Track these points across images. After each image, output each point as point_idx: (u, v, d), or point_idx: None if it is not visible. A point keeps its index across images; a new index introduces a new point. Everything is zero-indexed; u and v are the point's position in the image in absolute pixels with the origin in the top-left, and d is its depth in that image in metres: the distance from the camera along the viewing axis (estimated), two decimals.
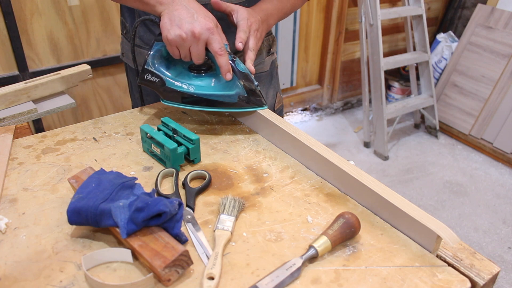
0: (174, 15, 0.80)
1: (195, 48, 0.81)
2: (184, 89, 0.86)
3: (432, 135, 2.99)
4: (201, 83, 0.87)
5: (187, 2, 0.83)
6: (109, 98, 2.15)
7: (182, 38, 0.79)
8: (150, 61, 0.86)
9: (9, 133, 0.85)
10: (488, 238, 2.16)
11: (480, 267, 0.59)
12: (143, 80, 0.87)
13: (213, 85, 0.87)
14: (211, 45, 0.81)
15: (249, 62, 0.88)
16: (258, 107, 0.87)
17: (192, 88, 0.86)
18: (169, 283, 0.55)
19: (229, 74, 0.83)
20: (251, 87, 0.84)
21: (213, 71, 0.89)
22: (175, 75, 0.88)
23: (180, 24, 0.79)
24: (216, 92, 0.86)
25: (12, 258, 0.58)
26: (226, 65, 0.82)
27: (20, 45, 1.78)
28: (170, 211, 0.58)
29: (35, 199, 0.69)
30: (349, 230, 0.61)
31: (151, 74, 0.86)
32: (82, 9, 1.88)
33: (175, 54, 0.83)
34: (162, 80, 0.86)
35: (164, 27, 0.81)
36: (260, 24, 0.93)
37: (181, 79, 0.87)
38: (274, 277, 0.55)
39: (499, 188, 2.51)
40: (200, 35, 0.79)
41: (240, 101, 0.85)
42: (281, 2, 1.00)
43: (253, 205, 0.69)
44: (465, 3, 3.18)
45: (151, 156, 0.80)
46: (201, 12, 0.82)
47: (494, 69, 2.74)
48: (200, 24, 0.79)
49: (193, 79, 0.88)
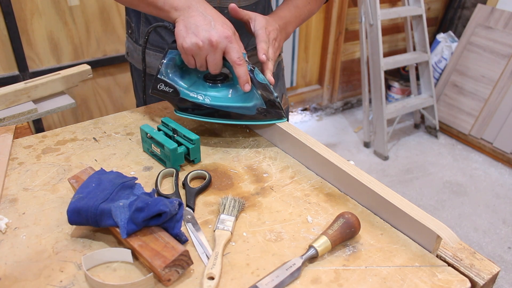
0: (190, 22, 0.76)
1: (212, 57, 0.77)
2: (199, 100, 0.82)
3: (432, 135, 2.99)
4: (217, 94, 0.82)
5: (204, 9, 0.78)
6: (109, 98, 2.15)
7: (199, 47, 0.75)
8: (164, 70, 0.82)
9: (9, 133, 0.85)
10: (488, 238, 2.16)
11: (480, 267, 0.59)
12: (156, 90, 0.83)
13: (230, 96, 0.82)
14: (229, 54, 0.77)
15: (268, 72, 0.84)
16: (277, 120, 0.83)
17: (208, 99, 0.81)
18: (169, 283, 0.55)
19: (247, 85, 0.78)
20: (270, 98, 0.80)
21: (230, 82, 0.84)
22: (189, 85, 0.83)
23: (197, 31, 0.75)
24: (233, 103, 0.81)
25: (12, 258, 0.58)
26: (245, 75, 0.77)
27: (20, 45, 1.78)
28: (170, 211, 0.58)
29: (35, 199, 0.69)
30: (349, 230, 0.61)
31: (164, 84, 0.82)
32: (82, 9, 1.88)
33: (190, 63, 0.79)
34: (176, 90, 0.82)
35: (179, 35, 0.77)
36: (278, 33, 0.89)
37: (195, 89, 0.83)
38: (274, 277, 0.55)
39: (499, 188, 2.51)
40: (218, 44, 0.75)
41: (259, 113, 0.81)
42: (298, 9, 0.97)
43: (253, 205, 0.69)
44: (465, 3, 3.18)
45: (151, 156, 0.80)
46: (219, 19, 0.77)
47: (494, 69, 2.74)
48: (218, 32, 0.75)
49: (209, 90, 0.83)
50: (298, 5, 0.97)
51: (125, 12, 1.13)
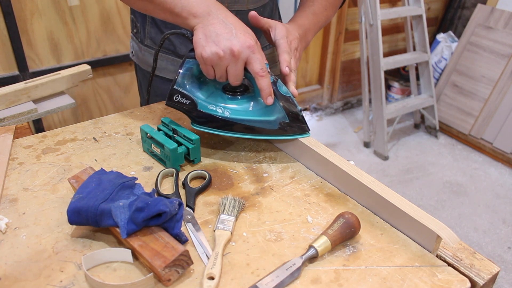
0: (210, 30, 0.72)
1: (233, 68, 0.72)
2: (218, 113, 0.77)
3: (432, 135, 2.99)
4: (238, 107, 0.78)
5: (224, 16, 0.74)
6: (109, 98, 2.15)
7: (219, 57, 0.71)
8: (180, 81, 0.77)
9: (9, 133, 0.85)
10: (488, 238, 2.16)
11: (480, 267, 0.59)
12: (172, 102, 0.78)
13: (251, 109, 0.78)
14: (251, 64, 0.72)
15: (292, 84, 0.80)
16: (301, 135, 0.78)
17: (228, 113, 0.77)
18: (169, 283, 0.55)
19: (270, 98, 0.74)
20: (294, 112, 0.76)
21: (251, 93, 0.80)
22: (206, 96, 0.79)
23: (217, 40, 0.71)
24: (255, 117, 0.77)
25: (13, 258, 0.58)
26: (268, 87, 0.73)
27: (20, 45, 1.78)
28: (170, 211, 0.58)
29: (35, 199, 0.69)
30: (349, 230, 0.61)
31: (181, 95, 0.77)
32: (82, 9, 1.88)
33: (209, 74, 0.75)
34: (194, 102, 0.77)
35: (199, 44, 0.72)
36: (298, 42, 0.85)
37: (214, 101, 0.78)
38: (274, 277, 0.55)
39: (498, 188, 2.51)
40: (240, 54, 0.71)
41: (281, 127, 0.77)
42: (316, 15, 0.93)
43: (253, 205, 0.69)
44: (465, 3, 3.18)
45: (151, 156, 0.80)
46: (240, 27, 0.73)
47: (494, 69, 2.74)
48: (240, 41, 0.71)
49: (228, 102, 0.79)
50: (315, 11, 0.93)
51: (130, 11, 1.12)
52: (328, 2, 0.95)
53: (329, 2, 0.95)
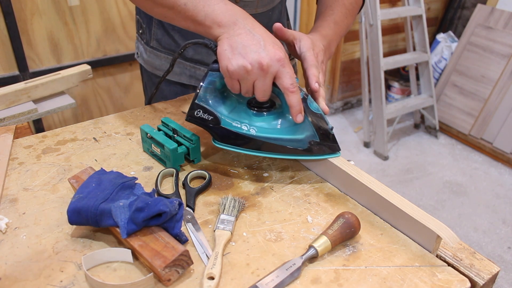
0: (236, 41, 0.67)
1: (261, 83, 0.67)
2: (243, 131, 0.72)
3: (432, 135, 3.00)
4: (264, 124, 0.73)
5: (252, 26, 0.68)
6: (109, 98, 2.15)
7: (247, 70, 0.65)
8: (202, 95, 0.72)
9: (9, 133, 0.85)
10: (488, 238, 2.16)
11: (480, 267, 0.59)
12: (193, 118, 0.73)
13: (279, 127, 0.73)
14: (280, 79, 0.67)
15: (322, 100, 0.75)
16: (331, 154, 0.73)
17: (254, 131, 0.72)
18: (169, 283, 0.55)
19: (300, 115, 0.69)
20: (325, 130, 0.72)
21: (278, 109, 0.75)
22: (229, 111, 0.74)
23: (244, 52, 0.65)
24: (283, 135, 0.72)
25: (13, 258, 0.58)
26: (298, 104, 0.68)
27: (21, 45, 1.78)
28: (170, 211, 0.58)
29: (36, 199, 0.69)
30: (349, 230, 0.61)
31: (202, 110, 0.72)
32: (82, 9, 1.88)
33: (234, 89, 0.69)
34: (217, 118, 0.72)
35: (224, 56, 0.67)
36: (323, 54, 0.81)
37: (238, 117, 0.73)
38: (274, 277, 0.55)
39: (498, 188, 2.51)
40: (269, 67, 0.65)
41: (311, 147, 0.72)
42: (337, 25, 0.88)
43: (253, 205, 0.69)
44: (465, 3, 3.18)
45: (151, 156, 0.81)
46: (269, 38, 0.68)
47: (494, 69, 2.74)
48: (269, 54, 0.65)
49: (253, 119, 0.74)
50: (336, 20, 0.89)
51: (135, 11, 1.10)
52: (347, 10, 0.91)
53: (349, 10, 0.92)
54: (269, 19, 1.02)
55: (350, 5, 0.92)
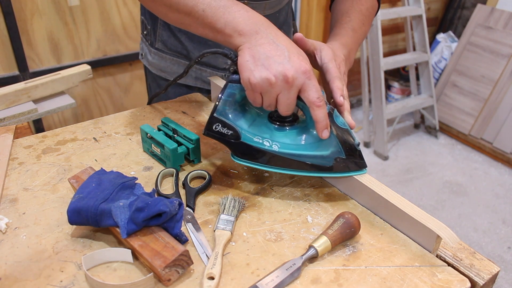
0: (259, 51, 0.63)
1: (285, 96, 0.63)
2: (265, 147, 0.68)
3: (432, 135, 3.00)
4: (287, 139, 0.69)
5: (275, 35, 0.65)
6: (109, 98, 2.15)
7: (270, 83, 0.61)
8: (221, 108, 0.68)
9: (9, 133, 0.85)
10: (488, 238, 2.16)
11: (480, 267, 0.59)
12: (211, 132, 0.69)
13: (303, 143, 0.69)
14: (306, 92, 0.63)
15: (348, 114, 0.72)
16: (357, 172, 0.69)
17: (276, 146, 0.68)
18: (169, 283, 0.55)
19: (326, 131, 0.65)
20: (351, 146, 0.68)
21: (301, 124, 0.71)
22: (249, 125, 0.70)
23: (268, 64, 0.61)
24: (307, 152, 0.68)
25: (13, 258, 0.58)
26: (325, 119, 0.64)
27: (21, 45, 1.78)
28: (170, 211, 0.58)
29: (36, 199, 0.69)
30: (349, 230, 0.61)
31: (222, 124, 0.68)
32: (82, 9, 1.88)
33: (256, 102, 0.65)
34: (237, 133, 0.68)
35: (245, 67, 0.63)
36: (344, 65, 0.77)
37: (259, 131, 0.69)
38: (274, 277, 0.55)
39: (498, 188, 2.51)
40: (294, 80, 0.61)
41: (337, 164, 0.68)
42: (356, 32, 0.84)
43: (253, 205, 0.69)
44: (464, 3, 3.18)
45: (151, 156, 0.81)
46: (293, 49, 0.64)
47: (494, 69, 2.74)
48: (294, 66, 0.61)
49: (275, 133, 0.70)
50: (354, 28, 0.85)
51: (140, 11, 1.09)
52: (364, 16, 0.88)
53: (366, 16, 0.88)
54: (276, 20, 1.01)
55: (367, 11, 0.89)
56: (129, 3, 1.97)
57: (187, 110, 0.96)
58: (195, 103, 0.99)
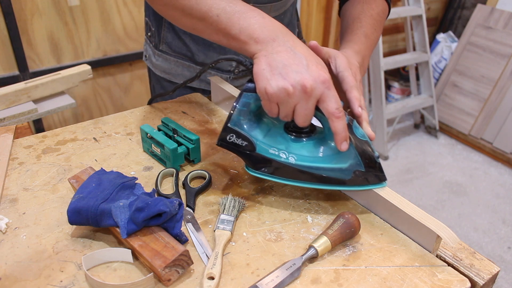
0: (276, 59, 0.60)
1: (303, 107, 0.60)
2: (281, 159, 0.66)
3: (432, 135, 3.00)
4: (304, 151, 0.67)
5: (293, 43, 0.62)
6: (109, 98, 2.15)
7: (288, 93, 0.59)
8: (236, 118, 0.65)
9: (9, 133, 0.85)
10: (488, 238, 2.16)
11: (480, 267, 0.59)
12: (225, 142, 0.67)
13: (320, 155, 0.66)
14: (325, 103, 0.60)
15: (367, 125, 0.69)
16: (377, 185, 0.66)
17: (293, 158, 0.66)
18: (169, 283, 0.55)
19: (345, 143, 0.62)
20: (371, 158, 0.65)
21: (318, 135, 0.69)
22: (263, 135, 0.67)
23: (285, 73, 0.59)
24: (325, 164, 0.66)
25: (13, 258, 0.58)
26: (344, 131, 0.61)
27: (21, 45, 1.78)
28: (170, 211, 0.58)
29: (36, 199, 0.69)
30: (349, 230, 0.61)
31: (236, 135, 0.66)
32: (82, 9, 1.88)
33: (272, 112, 0.62)
34: (252, 144, 0.66)
35: (262, 76, 0.60)
36: (359, 73, 0.74)
37: (274, 142, 0.67)
38: (274, 277, 0.55)
39: (498, 188, 2.51)
40: (313, 90, 0.58)
41: (355, 177, 0.65)
42: (368, 38, 0.82)
43: (253, 205, 0.69)
44: (464, 3, 3.18)
45: (151, 156, 0.81)
46: (312, 57, 0.61)
47: (493, 69, 2.74)
48: (313, 75, 0.59)
49: (291, 145, 0.67)
50: (366, 33, 0.82)
51: (144, 13, 1.08)
52: (376, 21, 0.85)
53: (377, 21, 0.86)
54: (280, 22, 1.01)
55: (378, 16, 0.86)
56: (129, 3, 1.97)
57: (187, 110, 0.96)
58: (195, 103, 0.99)
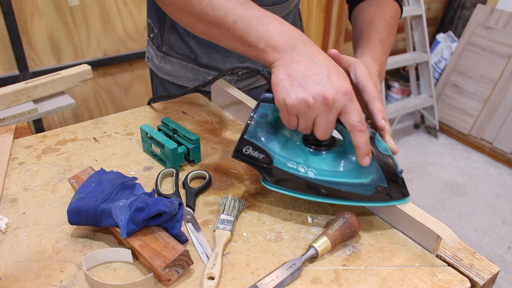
0: (295, 69, 0.57)
1: (324, 119, 0.57)
2: (300, 173, 0.63)
3: (432, 135, 3.00)
4: (324, 165, 0.64)
5: (313, 52, 0.59)
6: (109, 98, 2.15)
7: (308, 105, 0.56)
8: (252, 130, 0.63)
9: (9, 133, 0.85)
10: (488, 238, 2.16)
11: (480, 267, 0.59)
12: (241, 155, 0.64)
13: (341, 169, 0.63)
14: (347, 115, 0.57)
15: (390, 138, 0.66)
16: (399, 201, 0.63)
17: (312, 173, 0.63)
18: (169, 283, 0.55)
19: (367, 158, 0.59)
20: (393, 173, 0.63)
21: (339, 148, 0.66)
22: (280, 147, 0.64)
23: (305, 83, 0.56)
24: (346, 179, 0.63)
25: (13, 258, 0.58)
26: (366, 145, 0.58)
27: (21, 45, 1.78)
28: (170, 211, 0.58)
29: (36, 199, 0.69)
30: (349, 230, 0.61)
31: (253, 147, 0.63)
32: (82, 9, 1.88)
33: (291, 124, 0.60)
34: (269, 157, 0.63)
35: (281, 86, 0.57)
36: (379, 82, 0.70)
37: (292, 155, 0.64)
38: (274, 277, 0.55)
39: (498, 188, 2.51)
40: (334, 102, 0.56)
41: (377, 193, 0.62)
42: (384, 44, 0.79)
43: (253, 205, 0.69)
44: (464, 3, 3.18)
45: (151, 156, 0.81)
46: (333, 67, 0.58)
47: (493, 69, 2.74)
48: (334, 86, 0.56)
49: (310, 158, 0.64)
50: (382, 39, 0.79)
51: (146, 14, 1.07)
52: (390, 25, 0.82)
53: (391, 24, 0.83)
54: None
55: (391, 19, 0.83)
56: (129, 3, 1.97)
57: (187, 110, 0.96)
58: (195, 103, 0.99)
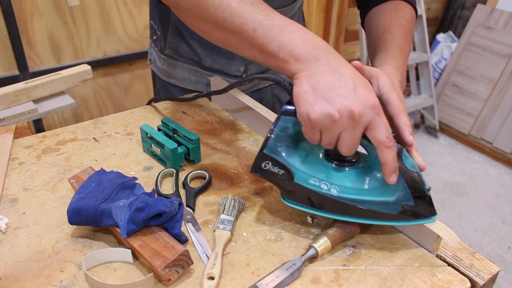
0: (319, 81, 0.54)
1: (349, 135, 0.54)
2: (323, 190, 0.60)
3: (431, 135, 3.00)
4: (347, 182, 0.60)
5: (338, 62, 0.55)
6: (109, 98, 2.15)
7: (333, 120, 0.52)
8: (272, 144, 0.59)
9: (9, 133, 0.85)
10: (488, 238, 2.16)
11: (480, 267, 0.59)
12: (260, 170, 0.61)
13: (366, 187, 0.60)
14: (374, 131, 0.54)
15: (417, 155, 0.63)
16: (426, 220, 0.60)
17: (335, 190, 0.59)
18: (169, 283, 0.55)
19: (394, 175, 0.56)
20: (421, 192, 0.59)
21: (363, 164, 0.62)
22: (301, 162, 0.61)
23: (330, 96, 0.53)
24: (370, 197, 0.59)
25: (13, 258, 0.58)
26: (393, 162, 0.55)
27: (21, 45, 1.78)
28: (170, 211, 0.58)
29: (36, 199, 0.69)
30: (349, 230, 0.61)
31: (272, 162, 0.60)
32: (82, 9, 1.88)
33: (314, 139, 0.56)
34: (290, 173, 0.60)
35: (304, 99, 0.54)
36: (401, 93, 0.67)
37: (313, 171, 0.61)
38: (274, 277, 0.55)
39: (498, 188, 2.51)
40: (361, 117, 0.52)
41: (403, 212, 0.59)
42: (403, 51, 0.75)
43: (253, 205, 0.69)
44: (464, 3, 3.18)
45: (151, 156, 0.81)
46: (359, 80, 0.55)
47: (493, 69, 2.74)
48: (361, 100, 0.52)
49: (333, 174, 0.61)
50: (401, 46, 0.76)
51: (148, 15, 1.06)
52: (406, 30, 0.79)
53: (407, 30, 0.79)
54: None
55: (408, 24, 0.80)
56: (129, 3, 1.97)
57: (187, 110, 0.96)
58: (195, 103, 0.99)
